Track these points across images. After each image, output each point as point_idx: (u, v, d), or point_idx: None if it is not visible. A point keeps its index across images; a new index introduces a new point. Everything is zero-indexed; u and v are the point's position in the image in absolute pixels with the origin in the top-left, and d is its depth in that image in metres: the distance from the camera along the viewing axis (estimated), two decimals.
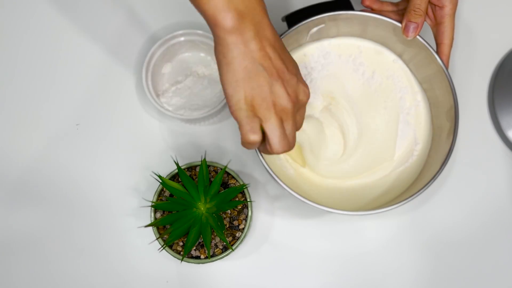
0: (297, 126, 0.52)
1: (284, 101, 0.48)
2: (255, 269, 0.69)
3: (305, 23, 0.62)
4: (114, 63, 0.74)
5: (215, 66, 0.72)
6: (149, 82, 0.69)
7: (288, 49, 0.61)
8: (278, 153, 0.50)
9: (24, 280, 0.69)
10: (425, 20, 0.62)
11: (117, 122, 0.72)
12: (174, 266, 0.68)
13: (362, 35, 0.67)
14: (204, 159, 0.61)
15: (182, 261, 0.63)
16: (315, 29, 0.64)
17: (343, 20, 0.64)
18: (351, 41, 0.67)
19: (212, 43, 0.69)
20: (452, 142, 0.60)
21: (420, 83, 0.67)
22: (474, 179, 0.71)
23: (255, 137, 0.48)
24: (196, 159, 0.70)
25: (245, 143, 0.49)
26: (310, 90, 0.59)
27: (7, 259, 0.69)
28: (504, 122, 0.71)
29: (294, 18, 0.63)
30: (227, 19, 0.45)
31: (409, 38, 0.61)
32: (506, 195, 0.70)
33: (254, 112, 0.47)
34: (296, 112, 0.50)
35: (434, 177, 0.59)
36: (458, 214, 0.70)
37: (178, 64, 0.73)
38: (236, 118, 0.48)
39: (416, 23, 0.60)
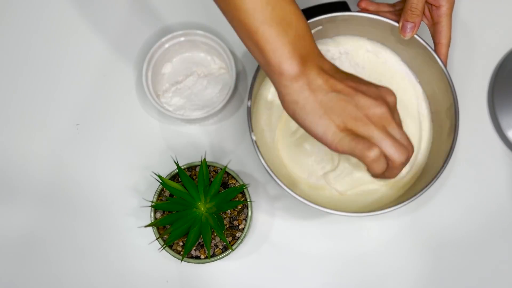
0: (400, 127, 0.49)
1: (375, 108, 0.45)
2: (255, 269, 0.69)
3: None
4: (114, 63, 0.74)
5: (215, 66, 0.72)
6: (149, 82, 0.69)
7: None
8: (402, 163, 0.46)
9: (24, 280, 0.69)
10: (422, 20, 0.62)
11: (117, 122, 0.72)
12: (174, 266, 0.68)
13: (360, 36, 0.67)
14: (204, 159, 0.61)
15: (182, 261, 0.63)
16: (312, 31, 0.64)
17: (341, 22, 0.64)
18: (349, 40, 0.67)
19: (212, 43, 0.70)
20: (453, 140, 0.60)
21: (420, 82, 0.67)
22: (474, 179, 0.71)
23: (375, 151, 0.44)
24: (196, 159, 0.70)
25: (372, 165, 0.45)
26: None
27: (7, 259, 0.69)
28: (504, 122, 0.71)
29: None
30: (293, 67, 0.45)
31: (406, 38, 0.61)
32: (506, 195, 0.70)
33: (353, 133, 0.45)
34: (392, 115, 0.47)
35: (436, 177, 0.59)
36: (458, 214, 0.70)
37: (178, 64, 0.73)
38: (345, 151, 0.45)
39: (413, 22, 0.60)
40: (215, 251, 0.64)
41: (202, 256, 0.63)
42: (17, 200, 0.71)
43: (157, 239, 0.63)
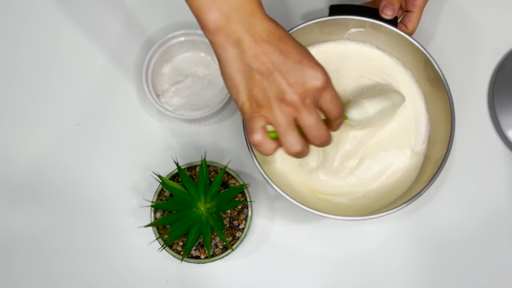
0: (332, 113, 0.48)
1: (286, 94, 0.45)
2: (255, 269, 0.69)
3: (346, 18, 0.62)
4: (114, 63, 0.74)
5: (215, 66, 0.72)
6: (149, 82, 0.69)
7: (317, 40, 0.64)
8: (295, 153, 0.47)
9: (24, 280, 0.69)
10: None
11: (117, 122, 0.72)
12: (174, 266, 0.68)
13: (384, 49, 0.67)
14: (204, 159, 0.61)
15: (182, 261, 0.63)
16: (354, 29, 0.64)
17: (383, 33, 0.64)
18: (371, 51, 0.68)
19: None
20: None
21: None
22: (474, 180, 0.71)
23: (255, 136, 0.46)
24: (196, 159, 0.70)
25: (252, 145, 0.47)
26: None
27: (7, 259, 0.69)
28: (504, 122, 0.71)
29: (339, 10, 0.63)
30: (210, 19, 0.44)
31: (387, 18, 0.61)
32: (506, 195, 0.70)
33: (259, 112, 0.46)
34: (308, 102, 0.46)
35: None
36: (457, 215, 0.70)
37: (178, 64, 0.73)
38: (245, 121, 0.47)
39: (393, 4, 0.61)
40: (215, 251, 0.64)
41: (202, 256, 0.63)
42: (16, 200, 0.70)
43: (157, 239, 0.63)
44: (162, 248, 0.62)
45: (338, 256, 0.69)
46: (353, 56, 0.67)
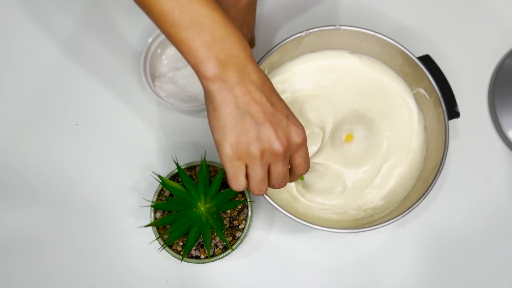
0: (301, 169, 0.52)
1: (273, 144, 0.48)
2: (255, 269, 0.69)
3: (425, 73, 0.62)
4: (114, 62, 0.74)
5: None
6: (147, 65, 0.69)
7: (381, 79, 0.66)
8: (254, 194, 0.51)
9: (23, 280, 0.69)
10: None
11: (117, 122, 0.72)
12: (174, 266, 0.68)
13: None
14: (204, 159, 0.61)
15: (182, 261, 0.63)
16: (423, 91, 0.65)
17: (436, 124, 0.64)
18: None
19: None
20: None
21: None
22: (474, 180, 0.71)
23: (238, 186, 0.49)
24: (196, 159, 0.70)
25: (234, 189, 0.50)
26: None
27: (6, 259, 0.69)
28: (504, 122, 0.71)
29: (428, 63, 0.63)
30: (207, 68, 0.45)
31: None
32: (506, 195, 0.70)
33: (239, 157, 0.48)
34: (287, 154, 0.49)
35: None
36: (458, 215, 0.70)
37: None
38: (222, 163, 0.49)
39: None
40: (215, 251, 0.64)
41: (202, 256, 0.63)
42: (16, 200, 0.70)
43: (157, 239, 0.63)
44: (162, 248, 0.62)
45: (339, 257, 0.69)
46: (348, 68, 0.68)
